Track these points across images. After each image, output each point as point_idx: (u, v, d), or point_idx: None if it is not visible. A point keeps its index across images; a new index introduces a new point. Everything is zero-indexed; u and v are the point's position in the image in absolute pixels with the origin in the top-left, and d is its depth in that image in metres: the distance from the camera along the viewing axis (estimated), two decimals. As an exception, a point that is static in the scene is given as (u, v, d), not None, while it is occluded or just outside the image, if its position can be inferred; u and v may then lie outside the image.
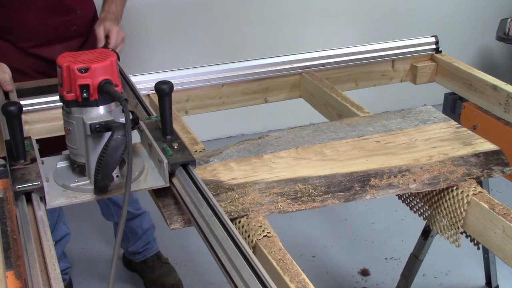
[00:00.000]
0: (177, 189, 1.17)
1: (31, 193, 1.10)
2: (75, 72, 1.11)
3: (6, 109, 1.14)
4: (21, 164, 1.17)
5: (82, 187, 1.18)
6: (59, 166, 1.25)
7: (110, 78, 1.13)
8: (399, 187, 1.30)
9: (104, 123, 1.13)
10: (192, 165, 1.20)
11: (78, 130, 1.16)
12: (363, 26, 3.66)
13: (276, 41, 3.48)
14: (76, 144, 1.18)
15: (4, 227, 1.13)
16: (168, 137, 1.27)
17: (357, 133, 1.46)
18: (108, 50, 1.23)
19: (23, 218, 1.05)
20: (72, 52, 1.19)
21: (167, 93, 1.23)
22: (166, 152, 1.21)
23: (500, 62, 4.11)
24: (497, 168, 1.36)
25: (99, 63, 1.13)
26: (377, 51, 1.95)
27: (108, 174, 1.11)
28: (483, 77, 1.77)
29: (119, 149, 1.07)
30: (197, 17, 3.34)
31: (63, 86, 1.14)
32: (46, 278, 0.93)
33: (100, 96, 1.14)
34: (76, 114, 1.15)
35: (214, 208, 1.08)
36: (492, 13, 3.81)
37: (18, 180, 1.12)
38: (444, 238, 1.37)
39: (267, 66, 1.86)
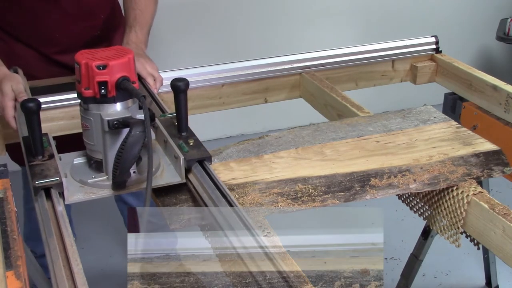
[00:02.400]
0: (194, 185, 1.18)
1: (50, 189, 1.12)
2: (93, 69, 1.13)
3: (25, 105, 1.16)
4: (39, 160, 1.19)
5: (99, 183, 1.19)
6: (75, 162, 1.26)
7: (127, 75, 1.15)
8: (399, 187, 1.30)
9: (122, 120, 1.15)
10: (208, 161, 1.22)
11: (96, 126, 1.18)
12: (363, 26, 3.66)
13: (276, 41, 3.47)
14: (93, 140, 1.20)
15: (4, 227, 1.13)
16: (184, 133, 1.28)
17: (357, 133, 1.46)
18: (125, 47, 1.24)
19: (44, 213, 1.07)
20: (90, 49, 1.20)
21: (183, 90, 1.25)
22: (182, 148, 1.23)
23: (500, 62, 4.11)
24: (497, 168, 1.36)
25: (117, 60, 1.14)
26: (377, 51, 1.95)
27: (126, 169, 1.12)
28: (483, 77, 1.77)
29: (137, 145, 1.09)
30: (197, 17, 3.34)
31: (81, 83, 1.15)
32: (69, 273, 0.94)
33: (118, 93, 1.15)
34: (94, 110, 1.17)
35: (232, 204, 1.09)
36: (492, 13, 3.81)
37: (37, 175, 1.14)
38: (444, 238, 1.37)
39: (267, 66, 1.86)
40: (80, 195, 1.18)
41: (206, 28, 3.38)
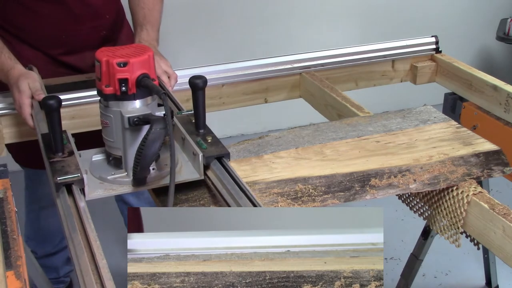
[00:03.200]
0: (213, 181, 1.19)
1: (71, 185, 1.13)
2: (114, 66, 1.14)
3: (46, 102, 1.17)
4: (59, 157, 1.20)
5: (119, 180, 1.20)
6: (94, 159, 1.27)
7: (147, 72, 1.16)
8: (399, 187, 1.30)
9: (142, 117, 1.15)
10: (226, 158, 1.23)
11: (116, 123, 1.19)
12: (363, 26, 3.66)
13: (276, 41, 3.47)
14: (113, 137, 1.21)
15: (4, 227, 1.13)
16: (201, 131, 1.29)
17: (357, 133, 1.46)
18: (144, 45, 1.25)
19: (66, 209, 1.07)
20: (110, 47, 1.21)
21: (201, 87, 1.26)
22: (201, 145, 1.24)
23: (500, 62, 4.11)
24: (497, 168, 1.36)
25: (137, 57, 1.15)
26: (377, 51, 1.95)
27: (147, 166, 1.13)
28: (483, 77, 1.77)
29: (157, 141, 1.10)
30: (196, 18, 3.34)
31: (101, 80, 1.16)
32: (95, 267, 0.94)
33: (138, 90, 1.16)
34: (114, 107, 1.18)
35: (253, 200, 1.10)
36: (492, 13, 3.81)
37: (58, 172, 1.15)
38: (444, 238, 1.37)
39: (267, 66, 1.86)
40: (100, 191, 1.19)
41: (206, 28, 3.38)
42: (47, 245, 2.20)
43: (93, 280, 0.91)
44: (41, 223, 2.14)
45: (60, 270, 2.32)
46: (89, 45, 1.80)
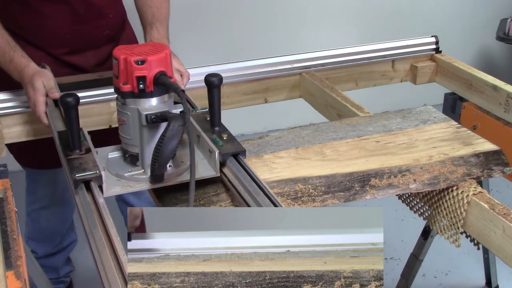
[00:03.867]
0: (229, 178, 1.20)
1: (90, 182, 1.13)
2: (132, 64, 1.15)
3: (64, 100, 1.18)
4: (76, 154, 1.21)
5: (136, 177, 1.21)
6: (110, 157, 1.29)
7: (164, 70, 1.17)
8: (399, 187, 1.30)
9: (159, 114, 1.16)
10: (242, 155, 1.24)
11: (133, 120, 1.20)
12: (363, 26, 3.66)
13: (276, 41, 3.47)
14: (130, 134, 1.22)
15: (4, 227, 1.13)
16: (216, 128, 1.31)
17: (357, 133, 1.46)
18: (161, 43, 1.26)
19: (86, 206, 1.08)
20: (127, 45, 1.22)
21: (216, 85, 1.27)
22: (216, 142, 1.25)
23: (500, 62, 4.11)
24: (497, 168, 1.36)
25: (155, 55, 1.16)
26: (377, 51, 1.95)
27: (165, 163, 1.14)
28: (483, 77, 1.77)
29: (175, 138, 1.11)
30: (196, 18, 3.33)
31: (119, 78, 1.17)
32: (117, 262, 0.95)
33: (155, 88, 1.17)
34: (131, 105, 1.19)
35: (271, 197, 1.11)
36: (492, 13, 3.81)
37: (76, 169, 1.16)
38: (444, 238, 1.37)
39: (267, 66, 1.86)
40: (118, 188, 1.20)
41: (206, 28, 3.38)
42: (48, 245, 2.20)
43: (116, 275, 0.92)
44: (41, 223, 2.14)
45: (60, 270, 2.32)
46: (92, 45, 1.80)
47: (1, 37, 1.50)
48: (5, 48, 1.50)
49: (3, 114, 1.60)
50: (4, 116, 1.60)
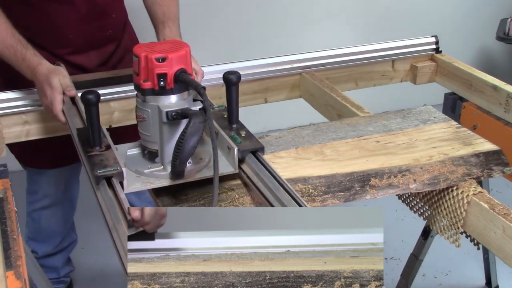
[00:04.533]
0: (248, 175, 1.21)
1: (111, 178, 1.14)
2: (153, 61, 1.16)
3: (86, 97, 1.20)
4: (97, 151, 1.22)
5: (155, 173, 1.22)
6: (129, 153, 1.30)
7: (184, 67, 1.18)
8: (399, 187, 1.30)
9: (180, 111, 1.18)
10: (261, 152, 1.25)
11: (153, 117, 1.21)
12: (363, 26, 3.66)
13: (276, 41, 3.47)
14: (149, 131, 1.23)
15: (4, 227, 1.13)
16: (234, 125, 1.32)
17: (357, 133, 1.46)
18: (181, 41, 1.28)
19: (109, 201, 1.09)
20: (147, 43, 1.24)
21: (235, 82, 1.28)
22: (235, 139, 1.26)
23: (500, 62, 4.11)
24: (497, 168, 1.36)
25: (175, 53, 1.18)
26: (377, 51, 1.95)
27: (186, 159, 1.15)
28: (483, 77, 1.77)
29: (196, 135, 1.12)
30: (196, 18, 3.33)
31: (139, 75, 1.19)
32: None
33: (176, 85, 1.18)
34: (152, 102, 1.20)
35: (291, 193, 1.11)
36: (492, 13, 3.81)
37: (97, 165, 1.16)
38: (444, 238, 1.37)
39: (267, 66, 1.86)
40: (138, 184, 1.20)
41: (206, 28, 3.38)
42: (48, 245, 2.20)
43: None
44: (42, 223, 2.14)
45: (61, 270, 2.32)
46: (95, 45, 1.80)
47: (12, 36, 1.49)
48: (17, 47, 1.49)
49: (3, 114, 1.60)
50: (4, 116, 1.60)
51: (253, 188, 1.19)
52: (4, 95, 1.60)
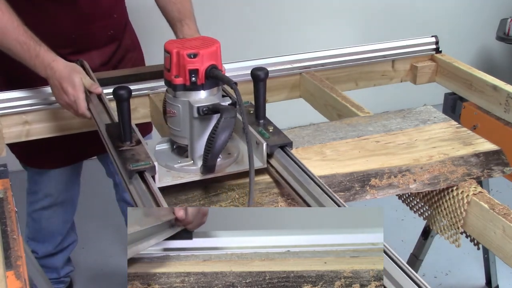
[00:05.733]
0: (277, 169, 1.23)
1: (143, 172, 1.15)
2: (184, 57, 1.19)
3: (117, 92, 1.21)
4: (128, 146, 1.23)
5: (186, 168, 1.24)
6: (158, 148, 1.31)
7: (215, 63, 1.21)
8: (399, 187, 1.30)
9: (211, 106, 1.20)
10: (289, 146, 1.26)
11: (184, 113, 1.23)
12: (363, 26, 3.66)
13: (276, 41, 3.47)
14: (179, 126, 1.25)
15: (4, 227, 1.13)
16: (261, 121, 1.33)
17: (357, 133, 1.46)
18: (211, 37, 1.30)
19: (144, 195, 1.10)
20: (177, 39, 1.26)
21: (262, 78, 1.30)
22: (263, 135, 1.27)
23: (500, 62, 4.11)
24: (497, 168, 1.36)
25: (207, 49, 1.21)
26: (377, 51, 1.95)
27: (217, 154, 1.16)
28: (483, 77, 1.77)
29: (228, 130, 1.14)
30: (197, 17, 3.33)
31: (171, 71, 1.21)
32: None
33: (207, 81, 1.21)
34: (183, 97, 1.22)
35: (322, 187, 1.13)
36: (492, 13, 3.81)
37: (129, 160, 1.18)
38: (444, 238, 1.37)
39: (267, 66, 1.84)
40: (169, 179, 1.22)
41: (206, 28, 3.36)
42: (48, 245, 2.20)
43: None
44: (42, 223, 2.14)
45: (61, 271, 2.32)
46: (97, 45, 1.80)
47: (25, 32, 1.48)
48: (30, 43, 1.48)
49: (3, 114, 1.60)
50: (4, 116, 1.60)
51: (283, 182, 1.21)
52: (4, 95, 1.60)
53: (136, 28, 2.03)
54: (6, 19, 1.45)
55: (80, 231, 2.40)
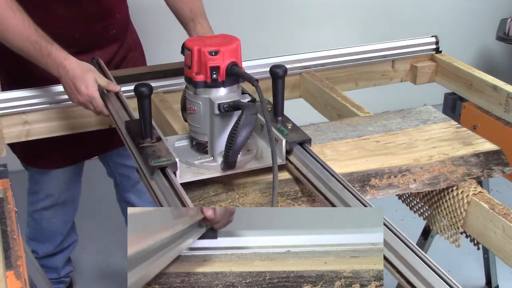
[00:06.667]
0: (296, 166, 1.23)
1: (165, 169, 1.16)
2: (206, 55, 1.20)
3: (138, 89, 1.22)
4: (148, 142, 1.24)
5: (206, 164, 1.25)
6: (177, 145, 1.32)
7: (236, 60, 1.22)
8: (399, 187, 1.30)
9: (232, 103, 1.21)
10: (308, 143, 1.27)
11: (204, 109, 1.24)
12: (363, 26, 3.66)
13: (276, 41, 3.47)
14: (199, 123, 1.26)
15: (4, 227, 1.13)
16: (279, 118, 1.34)
17: (357, 133, 1.46)
18: (231, 35, 1.31)
19: (166, 190, 1.10)
20: (197, 37, 1.27)
21: (281, 76, 1.31)
22: (282, 131, 1.28)
23: (500, 62, 4.11)
24: (497, 168, 1.36)
25: (227, 46, 1.22)
26: (377, 51, 1.95)
27: (238, 150, 1.17)
28: (483, 77, 1.77)
29: (249, 126, 1.15)
30: (197, 17, 3.33)
31: (192, 68, 1.22)
32: None
33: (227, 78, 1.22)
34: (203, 94, 1.23)
35: (341, 182, 1.13)
36: (492, 13, 3.80)
37: (151, 156, 1.19)
38: (444, 238, 1.37)
39: (267, 66, 1.85)
40: (190, 175, 1.23)
41: (206, 28, 3.37)
42: (49, 245, 2.20)
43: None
44: (43, 223, 2.14)
45: (61, 271, 2.32)
46: (100, 45, 1.80)
47: (36, 31, 1.47)
48: (42, 42, 1.47)
49: (3, 114, 1.60)
50: (4, 116, 1.60)
51: (303, 179, 1.21)
52: (4, 95, 1.60)
53: (136, 27, 2.03)
54: (17, 18, 1.45)
55: (80, 231, 2.40)
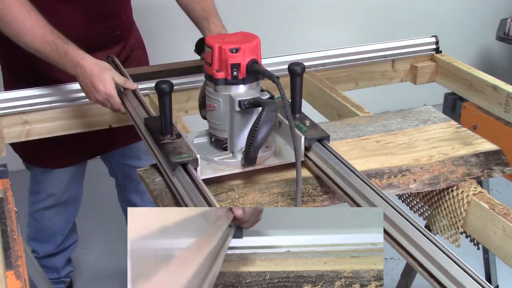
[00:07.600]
0: (315, 162, 1.24)
1: (186, 165, 1.17)
2: (226, 52, 1.21)
3: (159, 86, 1.24)
4: (168, 139, 1.25)
5: (225, 160, 1.27)
6: (196, 142, 1.35)
7: (256, 58, 1.23)
8: (399, 187, 1.30)
9: (252, 100, 1.22)
10: (327, 140, 1.28)
11: (224, 106, 1.25)
12: (363, 26, 3.66)
13: (276, 41, 3.47)
14: (219, 119, 1.28)
15: (4, 227, 1.13)
16: (297, 115, 1.35)
17: (357, 133, 1.46)
18: (251, 33, 1.31)
19: (188, 186, 1.11)
20: (218, 34, 1.29)
21: (299, 73, 1.33)
22: (300, 128, 1.29)
23: (500, 62, 4.11)
24: (497, 168, 1.36)
25: (248, 43, 1.23)
26: (377, 51, 1.95)
27: (259, 147, 1.18)
28: (483, 77, 1.77)
29: (269, 123, 1.17)
30: (197, 17, 3.33)
31: (212, 65, 1.23)
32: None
33: (247, 75, 1.23)
34: (224, 91, 1.25)
35: (362, 178, 1.14)
36: (492, 13, 3.80)
37: (172, 152, 1.20)
38: (444, 238, 1.37)
39: (267, 66, 1.84)
40: (210, 171, 1.24)
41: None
42: (49, 245, 2.20)
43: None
44: (44, 223, 2.14)
45: (61, 271, 2.32)
46: (104, 46, 1.80)
47: (52, 32, 1.47)
48: (58, 42, 1.47)
49: (3, 114, 1.60)
50: (4, 116, 1.60)
51: (323, 176, 1.22)
52: (4, 95, 1.60)
53: (138, 26, 2.03)
54: (32, 19, 1.45)
55: (81, 231, 2.40)
